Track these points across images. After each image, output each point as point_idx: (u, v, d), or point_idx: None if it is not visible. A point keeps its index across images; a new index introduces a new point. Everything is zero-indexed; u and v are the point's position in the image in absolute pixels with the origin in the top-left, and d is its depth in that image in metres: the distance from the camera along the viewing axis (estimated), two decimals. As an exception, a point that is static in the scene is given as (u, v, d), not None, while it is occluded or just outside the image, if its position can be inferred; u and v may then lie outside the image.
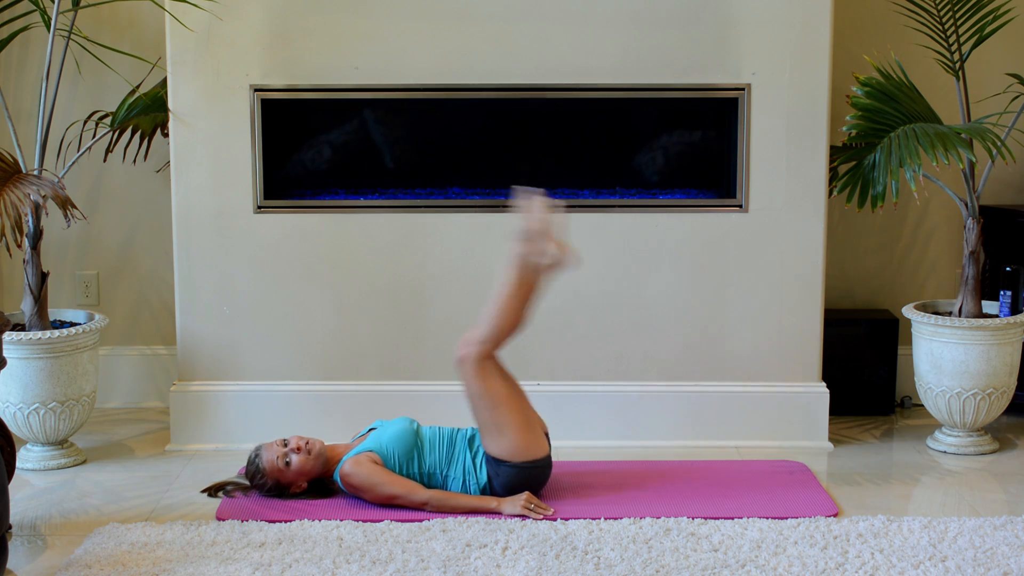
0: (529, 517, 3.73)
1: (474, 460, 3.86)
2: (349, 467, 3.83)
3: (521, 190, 3.85)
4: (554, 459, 4.28)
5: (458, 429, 3.95)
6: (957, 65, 4.51)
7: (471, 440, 3.91)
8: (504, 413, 3.79)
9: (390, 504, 3.81)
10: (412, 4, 4.37)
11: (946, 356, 4.41)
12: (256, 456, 3.91)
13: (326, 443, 3.96)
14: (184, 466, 4.34)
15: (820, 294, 4.50)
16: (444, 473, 3.86)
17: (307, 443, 3.88)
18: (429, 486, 3.85)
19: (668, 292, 4.50)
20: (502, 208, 4.48)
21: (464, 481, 3.84)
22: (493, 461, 3.82)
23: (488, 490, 3.84)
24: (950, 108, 4.71)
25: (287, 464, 3.85)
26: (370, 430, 4.03)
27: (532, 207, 3.79)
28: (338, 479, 3.87)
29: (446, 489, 3.85)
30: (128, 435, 4.74)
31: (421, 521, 3.71)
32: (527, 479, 3.83)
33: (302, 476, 3.88)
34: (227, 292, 4.50)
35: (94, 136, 4.70)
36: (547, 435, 3.94)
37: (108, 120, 4.66)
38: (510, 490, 3.82)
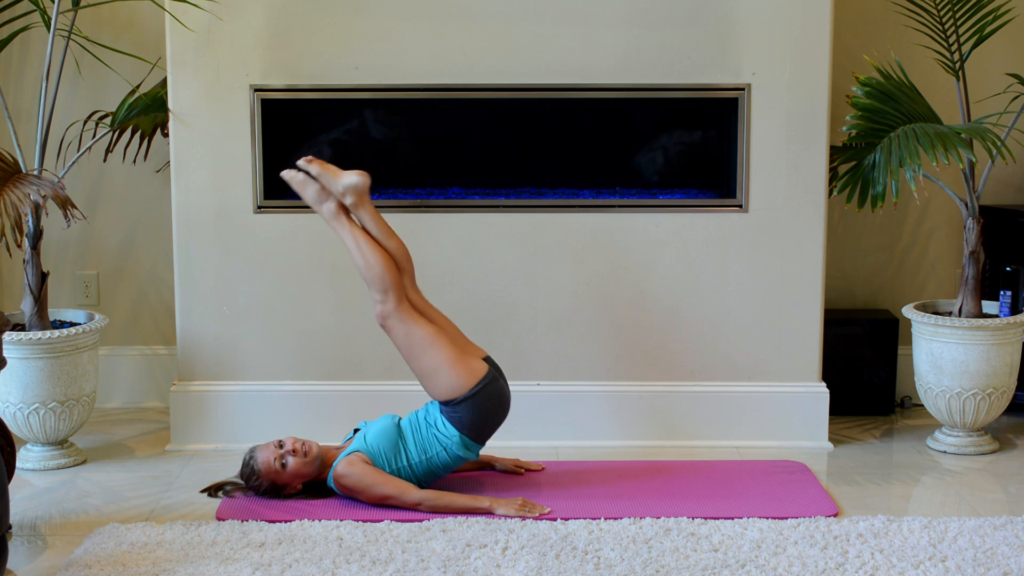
0: (525, 518, 3.73)
1: (437, 426, 3.86)
2: (342, 468, 3.83)
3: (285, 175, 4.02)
4: (555, 459, 4.29)
5: (419, 409, 3.97)
6: (957, 65, 4.51)
7: (428, 411, 3.92)
8: (430, 355, 3.85)
9: (384, 504, 3.81)
10: (412, 4, 4.37)
11: (946, 356, 4.41)
12: (251, 458, 3.91)
13: (321, 445, 3.96)
14: (184, 466, 4.34)
15: (820, 294, 4.50)
16: (428, 456, 3.86)
17: (303, 444, 3.88)
18: (419, 477, 3.86)
19: (668, 292, 4.50)
20: (502, 208, 4.48)
21: (442, 449, 3.84)
22: (446, 407, 3.84)
23: (465, 442, 3.84)
24: (950, 108, 4.71)
25: (283, 466, 3.85)
26: (355, 431, 4.03)
27: (292, 181, 4.00)
28: (331, 483, 3.87)
29: (432, 466, 3.85)
30: (128, 435, 4.74)
31: (421, 521, 3.71)
32: (486, 405, 3.85)
33: (298, 478, 3.88)
34: (227, 292, 4.50)
35: (94, 136, 4.70)
36: (488, 359, 3.96)
37: (108, 120, 4.66)
38: (479, 425, 3.84)
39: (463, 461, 3.90)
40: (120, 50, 4.71)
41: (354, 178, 3.92)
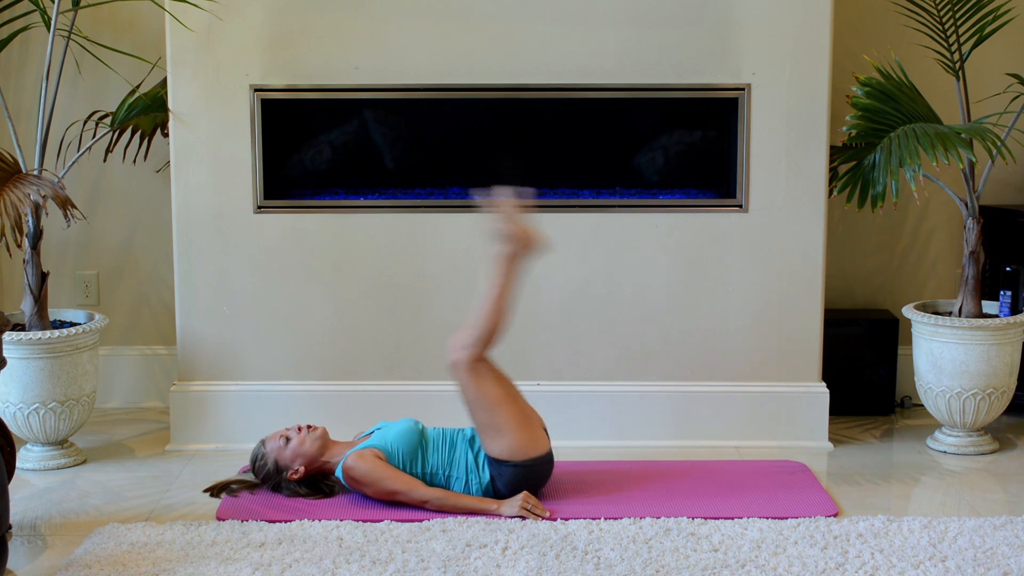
0: (528, 518, 3.73)
1: (475, 460, 3.86)
2: (352, 460, 3.83)
3: (487, 192, 3.89)
4: (555, 459, 4.29)
5: (458, 430, 3.96)
6: (957, 65, 4.51)
7: (471, 440, 3.91)
8: (500, 414, 3.80)
9: (391, 500, 3.81)
10: (412, 4, 4.37)
11: (946, 356, 4.41)
12: (262, 443, 3.97)
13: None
14: (184, 466, 4.34)
15: (820, 294, 4.50)
16: (447, 474, 3.86)
17: (308, 427, 3.94)
18: (431, 486, 3.86)
19: (668, 292, 4.50)
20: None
21: (467, 481, 3.84)
22: (494, 462, 3.83)
23: (491, 490, 3.84)
24: (950, 108, 4.71)
25: (287, 441, 3.89)
26: (375, 430, 4.04)
27: (500, 205, 3.84)
28: (340, 474, 3.88)
29: (449, 489, 3.86)
30: (128, 435, 4.74)
31: (421, 521, 3.71)
32: (529, 477, 3.84)
33: (299, 457, 3.89)
34: (227, 292, 4.50)
35: (94, 136, 4.70)
36: (545, 430, 3.94)
37: (108, 120, 4.66)
38: (513, 489, 3.83)
39: (472, 491, 3.90)
40: (120, 50, 4.71)
41: (531, 247, 3.85)
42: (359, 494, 3.89)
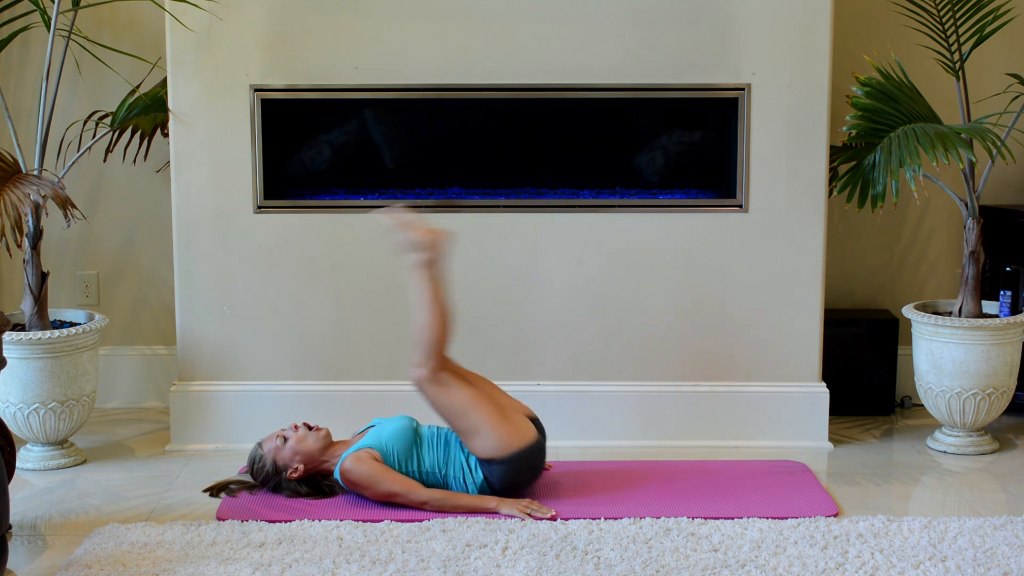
0: (535, 518, 3.73)
1: (467, 461, 3.86)
2: (349, 463, 3.83)
3: (381, 210, 3.99)
4: (554, 459, 4.29)
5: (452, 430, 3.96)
6: (957, 65, 4.51)
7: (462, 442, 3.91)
8: (474, 417, 3.79)
9: (390, 502, 3.81)
10: (412, 4, 4.37)
11: (946, 356, 4.41)
12: (258, 446, 3.97)
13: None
14: (184, 466, 4.34)
15: (820, 294, 4.50)
16: (443, 473, 3.86)
17: (314, 427, 3.95)
18: (428, 485, 3.86)
19: (668, 292, 4.50)
20: (502, 208, 4.48)
21: (463, 480, 3.84)
22: (483, 462, 3.83)
23: (487, 489, 3.84)
24: (950, 108, 4.71)
25: (284, 441, 3.89)
26: (369, 427, 4.04)
27: (394, 218, 3.90)
28: (338, 476, 3.88)
29: (443, 483, 3.86)
30: (128, 435, 4.74)
31: (421, 521, 3.71)
32: (521, 469, 3.84)
33: (298, 455, 3.89)
34: (227, 292, 4.50)
35: (94, 136, 4.70)
36: (532, 418, 3.93)
37: (108, 120, 4.66)
38: (508, 484, 3.83)
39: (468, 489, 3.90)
40: (120, 50, 4.71)
41: (437, 248, 3.86)
42: (358, 495, 3.89)
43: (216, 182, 4.45)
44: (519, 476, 3.84)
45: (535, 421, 3.94)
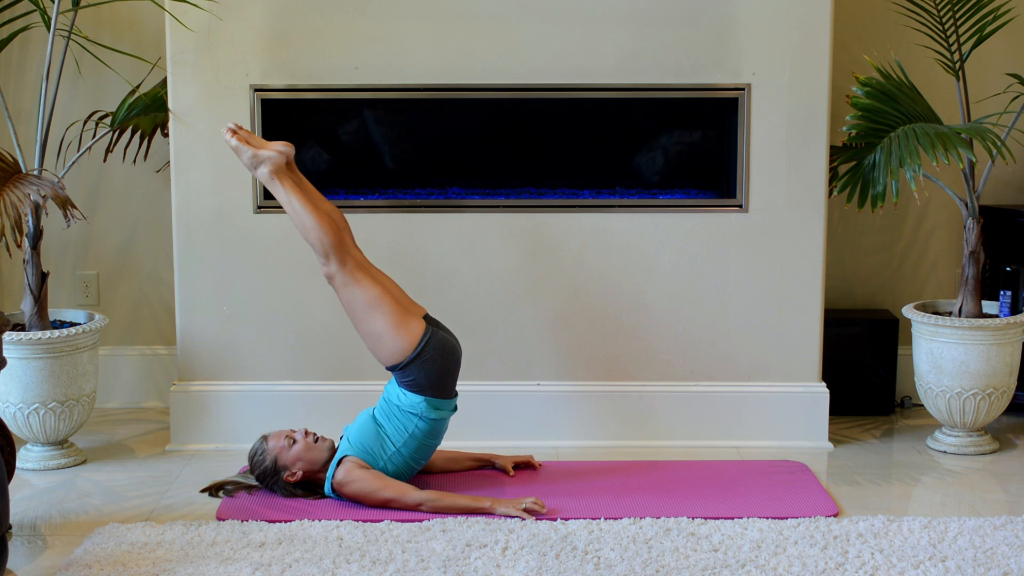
0: (527, 518, 3.72)
1: (400, 400, 3.89)
2: (341, 476, 3.84)
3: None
4: (554, 459, 4.29)
5: (382, 395, 4.00)
6: (957, 65, 4.51)
7: (387, 392, 3.94)
8: (376, 317, 3.88)
9: (386, 507, 3.81)
10: (412, 4, 4.37)
11: (946, 356, 4.41)
12: (262, 440, 3.96)
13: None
14: (184, 466, 4.34)
15: (820, 294, 4.50)
16: (409, 432, 3.87)
17: (319, 437, 3.94)
18: (415, 457, 3.88)
19: (668, 292, 4.50)
20: (502, 208, 4.48)
21: (413, 417, 3.87)
22: (399, 375, 3.88)
23: (432, 400, 3.87)
24: (950, 108, 4.71)
25: (292, 443, 3.89)
26: (342, 440, 4.03)
27: (230, 137, 4.00)
28: (330, 491, 3.87)
29: (416, 440, 3.88)
30: (128, 435, 4.74)
31: (421, 521, 3.71)
32: (435, 358, 3.88)
33: (301, 461, 3.89)
34: (227, 292, 4.50)
35: (94, 136, 4.70)
36: (425, 315, 3.99)
37: (108, 120, 4.66)
38: (435, 381, 3.87)
39: (444, 423, 3.92)
40: (120, 50, 4.71)
41: (273, 154, 3.97)
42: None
43: (216, 182, 4.45)
44: (437, 368, 3.88)
45: (428, 318, 3.99)
